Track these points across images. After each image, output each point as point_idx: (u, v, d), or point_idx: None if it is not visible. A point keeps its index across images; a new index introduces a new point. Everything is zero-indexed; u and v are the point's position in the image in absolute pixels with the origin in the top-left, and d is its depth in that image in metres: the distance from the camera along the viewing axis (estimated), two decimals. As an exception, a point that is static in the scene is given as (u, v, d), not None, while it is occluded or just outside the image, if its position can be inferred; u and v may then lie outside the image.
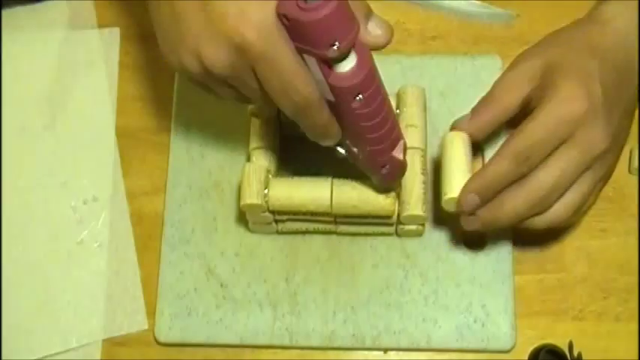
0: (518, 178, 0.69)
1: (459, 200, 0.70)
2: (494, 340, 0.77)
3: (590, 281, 0.80)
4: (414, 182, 0.74)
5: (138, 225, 0.83)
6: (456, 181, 0.71)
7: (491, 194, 0.70)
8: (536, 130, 0.68)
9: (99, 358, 0.79)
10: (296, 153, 0.82)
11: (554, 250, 0.81)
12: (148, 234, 0.83)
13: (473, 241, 0.80)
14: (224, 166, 0.83)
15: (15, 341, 0.79)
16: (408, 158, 0.72)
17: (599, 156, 0.69)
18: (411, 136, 0.76)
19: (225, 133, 0.84)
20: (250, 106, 0.77)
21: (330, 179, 0.74)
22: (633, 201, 0.82)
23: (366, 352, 0.78)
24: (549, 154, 0.68)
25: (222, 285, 0.79)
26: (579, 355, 0.76)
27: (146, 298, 0.80)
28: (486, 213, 0.70)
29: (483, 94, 0.82)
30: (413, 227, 0.78)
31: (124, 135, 0.86)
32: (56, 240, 0.83)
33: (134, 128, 0.86)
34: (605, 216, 0.82)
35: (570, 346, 0.77)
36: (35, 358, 0.79)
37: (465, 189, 0.70)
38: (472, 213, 0.71)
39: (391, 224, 0.78)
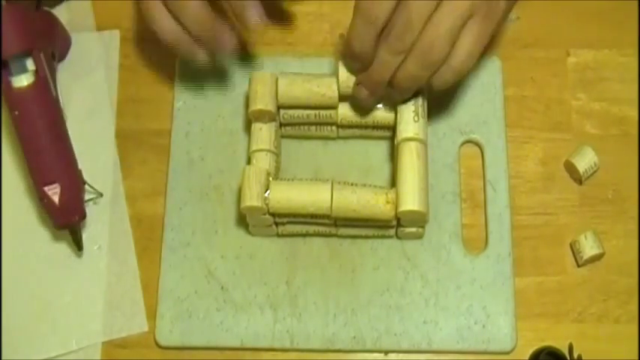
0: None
1: (353, 92, 0.75)
2: (494, 342, 0.77)
3: (590, 283, 0.80)
4: (413, 176, 0.74)
5: (138, 227, 0.83)
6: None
7: (381, 89, 0.73)
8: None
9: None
10: (296, 155, 0.83)
11: (553, 253, 0.81)
12: (147, 236, 0.83)
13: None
14: (224, 169, 0.83)
15: (15, 343, 0.79)
16: (407, 149, 0.74)
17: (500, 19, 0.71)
18: (410, 126, 0.76)
19: (225, 136, 0.84)
20: (250, 110, 0.77)
21: (330, 182, 0.74)
22: (633, 203, 0.82)
23: (366, 355, 0.78)
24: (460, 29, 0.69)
25: (222, 288, 0.79)
26: (579, 357, 0.76)
27: (146, 300, 0.81)
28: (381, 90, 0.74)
29: (482, 95, 0.83)
30: (413, 230, 0.78)
31: (123, 137, 0.86)
32: (56, 242, 0.83)
33: (134, 130, 0.86)
34: (604, 218, 0.82)
35: (570, 349, 0.77)
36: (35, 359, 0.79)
37: (356, 86, 0.74)
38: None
39: (391, 227, 0.78)
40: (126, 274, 0.81)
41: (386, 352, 0.78)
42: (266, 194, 0.74)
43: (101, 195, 0.83)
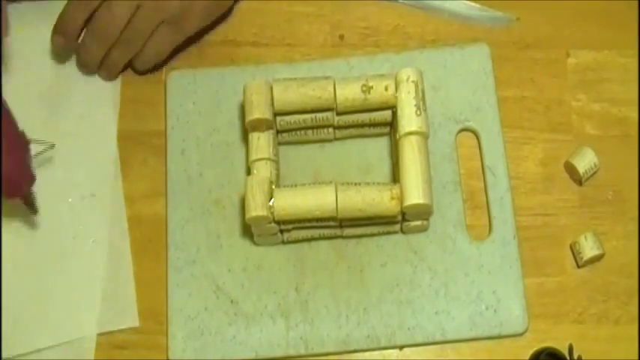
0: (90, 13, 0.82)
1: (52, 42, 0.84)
2: (507, 325, 0.78)
3: (590, 284, 0.81)
4: (416, 169, 0.74)
5: (137, 228, 0.83)
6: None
7: (72, 32, 0.84)
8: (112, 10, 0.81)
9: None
10: (294, 161, 0.83)
11: (553, 254, 0.82)
12: (147, 237, 0.83)
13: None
14: (223, 183, 0.83)
15: (5, 334, 0.79)
16: (407, 144, 0.75)
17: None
18: (413, 120, 0.76)
19: (222, 150, 0.84)
20: (248, 120, 0.77)
21: (333, 184, 0.74)
22: (633, 204, 0.83)
23: (382, 352, 0.79)
24: None
25: (232, 301, 0.79)
26: (579, 358, 0.77)
27: (147, 301, 0.81)
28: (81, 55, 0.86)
29: (474, 82, 0.84)
30: (417, 223, 0.78)
31: (124, 138, 0.86)
32: (52, 234, 0.83)
33: (134, 131, 0.86)
34: (604, 219, 0.83)
35: (570, 349, 0.77)
36: (25, 351, 0.79)
37: (53, 32, 0.84)
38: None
39: (396, 222, 0.78)
40: (119, 269, 0.81)
41: (401, 347, 0.79)
42: (270, 203, 0.74)
43: (53, 146, 0.80)
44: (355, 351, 0.78)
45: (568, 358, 0.77)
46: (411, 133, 0.75)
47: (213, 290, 0.80)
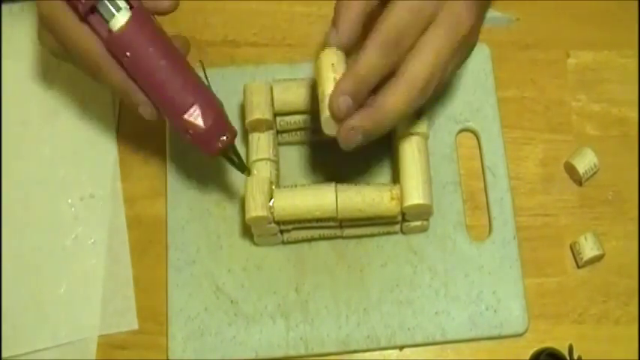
0: (390, 71, 0.65)
1: (330, 106, 0.66)
2: (507, 325, 0.78)
3: (590, 285, 0.81)
4: (416, 170, 0.75)
5: (137, 228, 0.83)
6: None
7: (364, 93, 0.65)
8: (400, 12, 0.64)
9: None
10: (294, 161, 0.83)
11: (553, 254, 0.82)
12: (148, 238, 0.83)
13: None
14: (223, 184, 0.83)
15: (5, 334, 0.79)
16: (407, 144, 0.75)
17: (467, 34, 0.67)
18: (411, 120, 0.76)
19: (222, 150, 0.84)
20: (248, 120, 0.77)
21: (333, 185, 0.75)
22: (633, 204, 0.83)
23: (382, 352, 0.79)
24: (418, 39, 0.65)
25: (232, 302, 0.79)
26: (579, 358, 0.77)
27: (146, 302, 0.81)
28: (366, 120, 0.66)
29: (474, 82, 0.84)
30: (418, 223, 0.78)
31: (124, 137, 0.86)
32: (51, 235, 0.83)
33: (134, 131, 0.86)
34: (604, 219, 0.83)
35: (570, 350, 0.77)
36: (24, 351, 0.79)
37: (335, 92, 0.66)
38: (345, 120, 0.66)
39: (396, 223, 0.79)
40: (118, 271, 0.81)
41: (401, 348, 0.79)
42: (270, 203, 0.74)
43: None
44: (355, 351, 0.78)
45: (568, 358, 0.77)
46: (411, 134, 0.76)
47: (213, 290, 0.80)
